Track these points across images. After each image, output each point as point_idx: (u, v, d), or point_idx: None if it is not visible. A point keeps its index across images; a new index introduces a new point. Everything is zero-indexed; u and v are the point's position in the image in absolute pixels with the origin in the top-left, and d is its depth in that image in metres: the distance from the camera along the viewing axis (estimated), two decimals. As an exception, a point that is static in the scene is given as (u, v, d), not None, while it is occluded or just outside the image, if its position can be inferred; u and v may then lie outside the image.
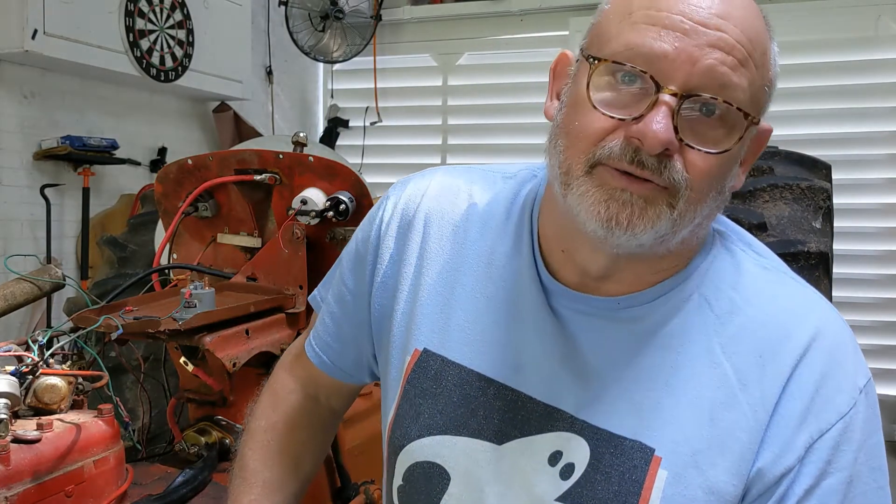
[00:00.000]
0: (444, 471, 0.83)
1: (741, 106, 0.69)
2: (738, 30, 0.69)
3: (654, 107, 0.69)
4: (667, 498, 0.73)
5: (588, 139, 0.72)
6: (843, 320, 0.80)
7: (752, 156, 0.78)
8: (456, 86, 5.13)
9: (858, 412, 0.74)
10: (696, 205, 0.72)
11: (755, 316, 0.77)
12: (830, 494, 0.73)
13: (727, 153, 0.71)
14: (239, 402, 1.58)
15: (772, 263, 0.83)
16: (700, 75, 0.68)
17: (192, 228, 1.82)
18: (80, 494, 1.06)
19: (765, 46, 0.72)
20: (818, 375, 0.74)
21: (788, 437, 0.73)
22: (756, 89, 0.71)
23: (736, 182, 0.77)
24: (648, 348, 0.78)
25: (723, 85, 0.68)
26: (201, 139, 4.43)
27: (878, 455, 0.76)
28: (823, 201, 2.50)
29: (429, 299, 0.88)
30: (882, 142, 4.26)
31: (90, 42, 3.31)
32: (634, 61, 0.69)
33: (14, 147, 3.32)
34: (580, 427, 0.78)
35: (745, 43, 0.69)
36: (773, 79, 0.74)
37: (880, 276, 4.26)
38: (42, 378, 1.08)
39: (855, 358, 0.77)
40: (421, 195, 0.93)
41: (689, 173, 0.70)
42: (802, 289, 0.82)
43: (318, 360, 1.02)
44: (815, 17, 4.34)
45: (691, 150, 0.70)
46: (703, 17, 0.68)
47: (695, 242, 0.80)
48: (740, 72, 0.69)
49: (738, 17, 0.70)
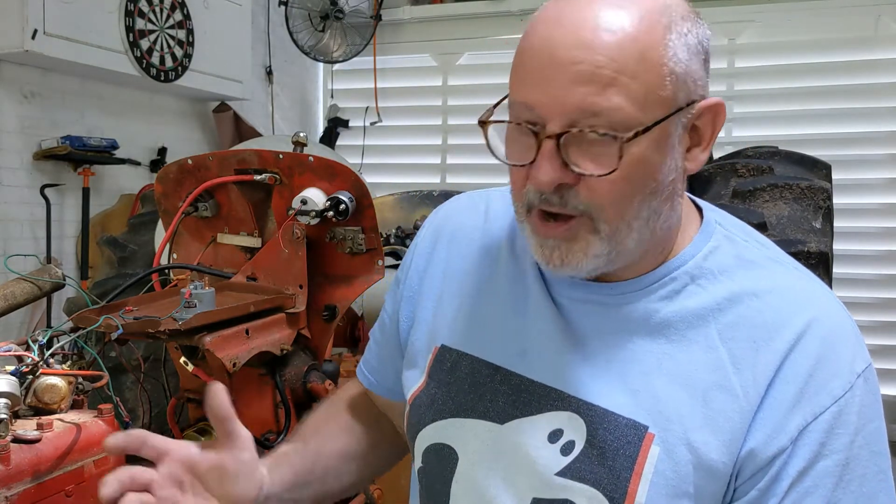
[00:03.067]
0: (454, 451, 0.89)
1: (619, 124, 0.73)
2: (596, 54, 0.72)
3: (538, 151, 0.75)
4: (659, 473, 0.76)
5: (515, 187, 0.82)
6: (843, 308, 0.81)
7: (712, 130, 0.81)
8: (456, 86, 5.13)
9: (855, 396, 0.76)
10: (620, 218, 0.77)
11: (754, 304, 0.80)
12: (825, 476, 0.74)
13: (621, 169, 0.74)
14: (239, 402, 1.58)
15: (775, 254, 0.85)
16: (572, 112, 0.73)
17: (192, 228, 1.82)
18: (80, 494, 1.07)
19: (641, 49, 0.73)
20: (813, 360, 0.76)
21: (780, 419, 0.75)
22: (645, 94, 0.73)
23: (691, 165, 0.81)
24: (641, 333, 0.82)
25: (595, 113, 0.72)
26: (201, 139, 4.43)
27: (879, 440, 0.77)
28: (823, 201, 2.51)
29: (449, 303, 0.96)
30: (882, 142, 4.26)
31: (90, 42, 3.31)
32: (519, 114, 0.77)
33: (14, 147, 3.32)
34: (577, 405, 0.82)
35: (607, 63, 0.72)
36: (676, 66, 0.74)
37: (880, 276, 4.26)
38: (42, 378, 1.08)
39: (854, 345, 0.79)
40: (447, 217, 1.03)
41: (594, 196, 0.76)
42: (804, 278, 0.84)
43: (365, 381, 1.11)
44: (815, 17, 4.34)
45: (585, 176, 0.75)
46: (558, 58, 0.73)
47: (673, 227, 0.83)
48: (609, 92, 0.72)
49: (594, 42, 0.72)
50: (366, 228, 1.69)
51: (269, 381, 1.64)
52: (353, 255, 1.71)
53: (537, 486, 0.82)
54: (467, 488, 0.87)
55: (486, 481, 0.85)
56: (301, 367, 1.68)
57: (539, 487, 0.81)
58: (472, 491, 0.86)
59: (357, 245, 1.69)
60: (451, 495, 0.88)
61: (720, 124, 0.81)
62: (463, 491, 0.87)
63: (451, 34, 5.08)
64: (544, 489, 0.81)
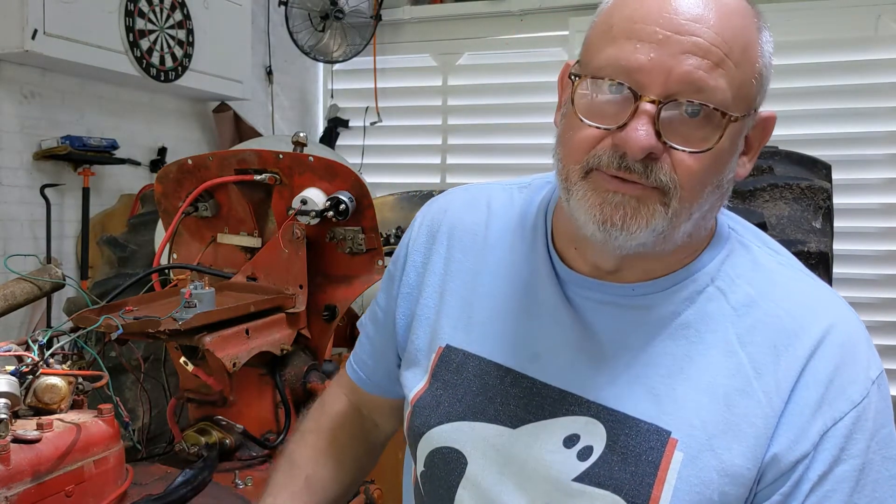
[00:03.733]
0: (462, 455, 0.87)
1: (719, 106, 0.72)
2: (713, 32, 0.72)
3: (634, 115, 0.73)
4: (682, 479, 0.76)
5: (580, 149, 0.77)
6: (856, 315, 0.82)
7: (758, 143, 0.81)
8: (456, 86, 5.12)
9: (871, 402, 0.77)
10: (691, 202, 0.76)
11: (771, 310, 0.80)
12: (843, 481, 0.75)
13: (714, 150, 0.74)
14: (239, 402, 1.59)
15: (787, 260, 0.86)
16: (676, 82, 0.72)
17: (192, 228, 1.82)
18: (80, 494, 1.06)
19: (746, 42, 0.74)
20: (832, 367, 0.77)
21: (803, 424, 0.75)
22: (739, 85, 0.74)
23: (741, 171, 0.80)
24: (662, 336, 0.81)
25: (699, 89, 0.72)
26: (201, 139, 4.42)
27: (891, 445, 0.78)
28: (823, 201, 2.50)
29: (453, 301, 0.94)
30: (882, 142, 4.26)
31: (90, 42, 3.31)
32: (615, 74, 0.74)
33: (14, 147, 3.32)
34: (596, 410, 0.81)
35: (721, 44, 0.72)
36: (763, 69, 0.76)
37: (880, 276, 4.26)
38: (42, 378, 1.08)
39: (868, 351, 0.80)
40: (444, 211, 1.00)
41: (678, 173, 0.74)
42: (817, 285, 0.85)
43: (355, 377, 1.10)
44: (815, 17, 4.34)
45: (676, 151, 0.73)
46: (676, 24, 0.72)
47: (703, 235, 0.83)
48: (717, 73, 0.72)
49: (712, 19, 0.72)
50: (366, 228, 1.69)
51: (269, 381, 1.64)
52: (353, 255, 1.71)
53: (551, 491, 0.81)
54: (476, 494, 0.85)
55: (497, 487, 0.84)
56: (301, 367, 1.68)
57: (553, 493, 0.80)
58: (481, 497, 0.85)
59: (357, 245, 1.69)
60: (455, 501, 0.87)
61: (767, 138, 0.81)
62: (470, 496, 0.86)
63: (451, 34, 5.07)
64: (559, 495, 0.80)
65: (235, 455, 1.57)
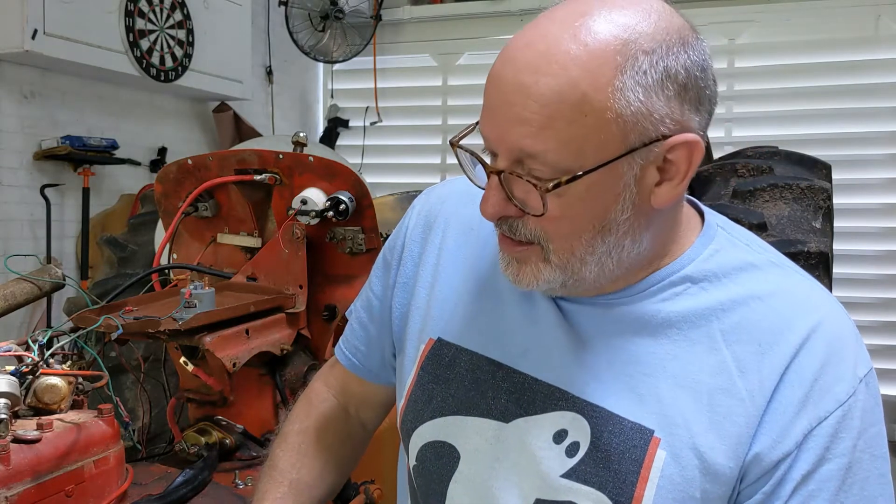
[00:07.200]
0: (454, 449, 0.87)
1: (552, 168, 0.72)
2: (531, 100, 0.71)
3: (488, 182, 0.77)
4: (665, 477, 0.76)
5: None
6: (845, 312, 0.82)
7: (687, 166, 0.75)
8: (456, 86, 5.13)
9: (858, 401, 0.76)
10: (571, 251, 0.76)
11: (757, 307, 0.79)
12: (828, 480, 0.74)
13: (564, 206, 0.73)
14: (239, 402, 1.59)
15: (776, 257, 0.85)
16: (510, 150, 0.73)
17: (192, 228, 1.82)
18: (80, 494, 1.06)
19: (580, 96, 0.69)
20: (817, 365, 0.76)
21: (786, 423, 0.75)
22: (579, 140, 0.70)
23: (659, 200, 0.76)
24: (644, 334, 0.81)
25: (529, 154, 0.72)
26: (201, 139, 4.43)
27: (880, 444, 0.77)
28: (823, 201, 2.50)
29: (445, 293, 0.94)
30: (882, 142, 4.26)
31: (90, 42, 3.31)
32: (483, 141, 0.77)
33: (14, 147, 3.32)
34: (581, 406, 0.81)
35: (541, 109, 0.70)
36: (625, 108, 0.70)
37: (880, 276, 4.26)
38: (42, 378, 1.08)
39: (856, 349, 0.79)
40: (441, 202, 1.00)
41: (541, 229, 0.77)
42: (806, 282, 0.83)
43: (347, 363, 1.09)
44: (815, 17, 4.34)
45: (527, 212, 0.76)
46: (506, 94, 0.73)
47: (666, 243, 0.82)
48: (545, 135, 0.71)
49: (532, 87, 0.70)
50: (366, 228, 1.69)
51: (269, 381, 1.64)
52: (353, 255, 1.71)
53: (542, 486, 0.81)
54: (468, 488, 0.86)
55: (490, 481, 0.84)
56: (301, 367, 1.68)
57: (543, 488, 0.81)
58: (474, 490, 0.85)
59: (357, 245, 1.69)
60: (447, 495, 0.87)
61: (697, 160, 0.75)
62: (463, 490, 0.86)
63: (451, 34, 5.08)
64: (549, 490, 0.80)
65: (235, 455, 1.57)
